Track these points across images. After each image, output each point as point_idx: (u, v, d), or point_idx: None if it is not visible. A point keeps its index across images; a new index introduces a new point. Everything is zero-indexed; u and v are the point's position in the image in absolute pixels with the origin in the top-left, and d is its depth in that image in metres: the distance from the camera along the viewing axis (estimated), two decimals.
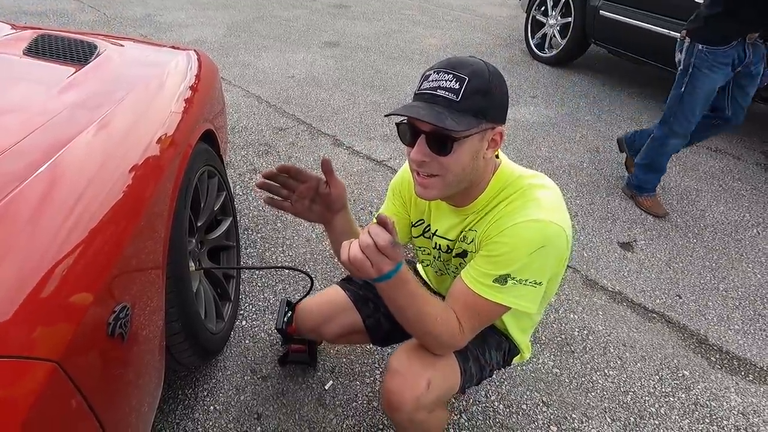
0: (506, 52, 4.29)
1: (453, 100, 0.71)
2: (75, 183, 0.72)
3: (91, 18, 4.22)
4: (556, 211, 0.78)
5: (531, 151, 2.69)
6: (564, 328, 1.57)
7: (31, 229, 0.62)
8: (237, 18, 4.60)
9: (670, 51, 1.96)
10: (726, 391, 1.41)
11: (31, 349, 0.51)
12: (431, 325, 0.78)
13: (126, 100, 0.99)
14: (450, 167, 0.76)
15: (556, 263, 0.81)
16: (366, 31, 4.59)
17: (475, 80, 0.72)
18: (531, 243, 0.76)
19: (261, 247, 1.80)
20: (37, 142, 0.76)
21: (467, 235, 0.88)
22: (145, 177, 0.86)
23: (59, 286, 0.59)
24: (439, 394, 0.86)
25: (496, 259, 0.78)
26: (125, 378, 0.73)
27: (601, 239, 2.01)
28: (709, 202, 2.35)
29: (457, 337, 0.81)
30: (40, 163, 0.71)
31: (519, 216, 0.77)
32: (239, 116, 2.76)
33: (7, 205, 0.62)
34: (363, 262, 0.66)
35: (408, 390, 0.83)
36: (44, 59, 1.10)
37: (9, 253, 0.59)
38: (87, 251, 0.65)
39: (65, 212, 0.67)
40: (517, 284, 0.77)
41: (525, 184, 0.82)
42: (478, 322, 0.82)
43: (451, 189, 0.80)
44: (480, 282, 0.79)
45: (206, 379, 1.30)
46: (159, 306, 0.88)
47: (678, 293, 1.76)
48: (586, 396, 1.35)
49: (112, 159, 0.82)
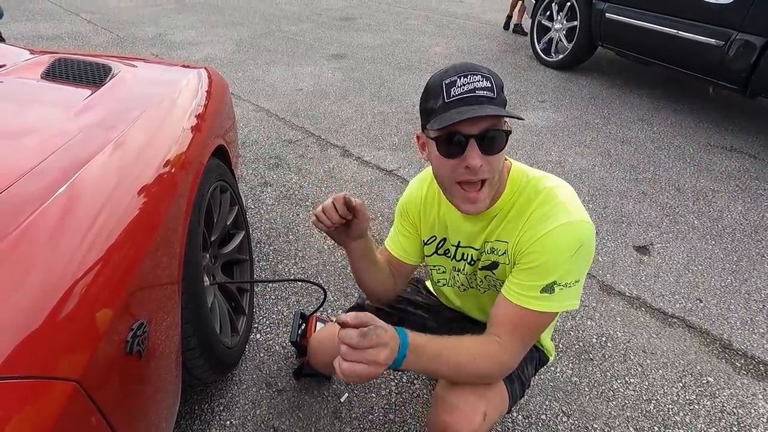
0: (513, 58, 4.29)
1: (491, 97, 0.72)
2: (92, 203, 0.74)
3: (105, 39, 4.34)
4: (581, 209, 0.79)
5: (541, 155, 2.67)
6: (582, 335, 1.54)
7: (50, 249, 0.63)
8: (245, 34, 4.69)
9: (679, 51, 1.93)
10: (753, 398, 1.36)
11: (51, 369, 0.52)
12: (474, 368, 0.77)
13: (140, 119, 1.02)
14: (497, 166, 0.76)
15: (591, 257, 0.81)
16: (372, 42, 4.64)
17: (496, 77, 0.74)
18: (570, 246, 0.76)
19: (274, 259, 1.80)
20: (56, 163, 0.78)
21: (496, 246, 0.86)
22: (160, 194, 0.88)
23: (78, 305, 0.60)
24: (492, 423, 0.85)
25: (539, 269, 0.77)
26: (143, 395, 0.73)
27: (616, 243, 1.98)
28: (727, 202, 2.30)
29: (504, 363, 0.79)
30: (59, 185, 0.72)
31: (551, 222, 0.77)
32: (249, 130, 2.80)
33: (28, 226, 0.64)
34: (356, 368, 0.63)
35: (466, 425, 0.80)
36: (61, 82, 1.13)
37: (29, 274, 0.60)
38: (105, 270, 0.66)
39: (83, 232, 0.68)
40: (564, 289, 0.77)
41: (543, 187, 0.82)
42: (529, 337, 0.81)
43: (491, 194, 0.80)
44: (527, 296, 0.78)
45: (222, 393, 1.30)
46: (175, 322, 0.88)
47: (698, 297, 1.72)
48: (607, 405, 1.32)
49: (128, 178, 0.84)
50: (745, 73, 2.68)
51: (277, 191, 2.24)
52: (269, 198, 2.18)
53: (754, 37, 2.62)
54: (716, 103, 3.43)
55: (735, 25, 2.70)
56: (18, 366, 0.49)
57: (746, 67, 2.66)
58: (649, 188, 2.39)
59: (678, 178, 2.48)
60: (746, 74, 2.68)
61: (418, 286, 1.19)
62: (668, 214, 2.19)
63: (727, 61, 2.74)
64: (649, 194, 2.34)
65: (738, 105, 3.43)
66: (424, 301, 1.14)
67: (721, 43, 2.75)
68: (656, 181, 2.45)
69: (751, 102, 3.41)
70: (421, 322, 1.11)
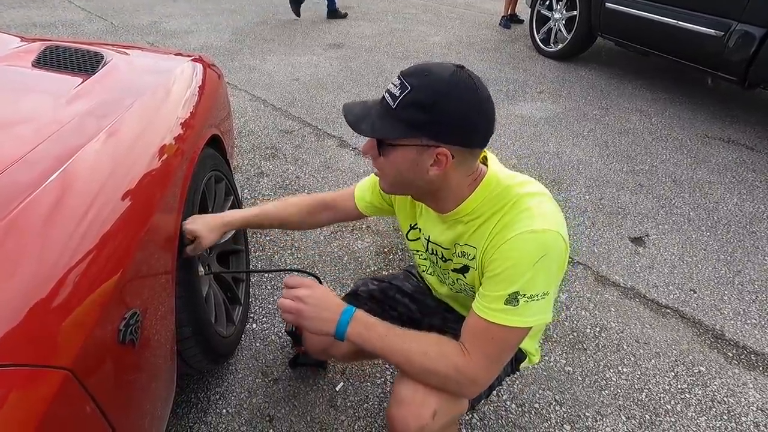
0: (511, 48, 4.26)
1: (389, 106, 0.71)
2: (84, 191, 0.73)
3: (99, 27, 4.29)
4: (549, 217, 0.75)
5: (538, 147, 2.67)
6: (576, 326, 1.55)
7: (41, 237, 0.63)
8: (241, 23, 4.64)
9: (679, 41, 1.91)
10: (744, 387, 1.38)
11: (43, 357, 0.52)
12: (426, 362, 0.76)
13: (132, 108, 1.00)
14: (384, 169, 0.78)
15: (559, 268, 0.77)
16: (370, 31, 4.59)
17: (418, 92, 0.68)
18: (531, 254, 0.72)
19: (270, 249, 1.80)
20: (47, 151, 0.77)
21: (466, 250, 0.84)
22: (153, 184, 0.87)
23: (70, 293, 0.60)
24: (446, 421, 0.82)
25: (500, 277, 0.74)
26: (137, 384, 0.74)
27: (612, 234, 1.99)
28: (723, 194, 2.31)
29: (461, 369, 0.75)
30: (50, 173, 0.72)
31: (514, 229, 0.74)
32: (245, 120, 2.78)
33: (19, 214, 0.63)
34: (283, 300, 0.79)
35: (412, 419, 0.79)
36: (53, 70, 1.12)
37: (21, 262, 0.60)
38: (97, 259, 0.65)
39: (75, 220, 0.68)
40: (529, 301, 0.73)
41: (514, 194, 0.78)
42: (494, 351, 0.77)
43: (400, 189, 0.83)
44: (491, 308, 0.75)
45: (218, 382, 1.31)
46: (169, 311, 0.88)
47: (692, 288, 1.74)
48: (599, 394, 1.34)
49: (120, 167, 0.83)
50: (744, 64, 2.67)
51: (274, 181, 2.23)
52: (265, 188, 2.18)
53: (753, 27, 2.61)
54: (715, 94, 3.42)
55: (735, 15, 2.68)
56: (8, 354, 0.49)
57: (746, 58, 2.65)
58: (646, 180, 2.39)
59: (675, 170, 2.49)
60: (745, 65, 2.67)
61: (410, 272, 1.20)
62: (664, 206, 2.19)
63: (726, 51, 2.73)
64: (645, 185, 2.34)
65: (736, 96, 3.42)
66: (412, 289, 1.15)
67: (720, 33, 2.74)
68: (653, 173, 2.45)
69: (749, 93, 3.40)
70: (407, 312, 1.12)
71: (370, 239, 1.89)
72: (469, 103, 0.69)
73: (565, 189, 2.29)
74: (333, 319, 0.79)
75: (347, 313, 0.79)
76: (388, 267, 1.76)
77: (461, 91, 0.69)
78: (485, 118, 0.72)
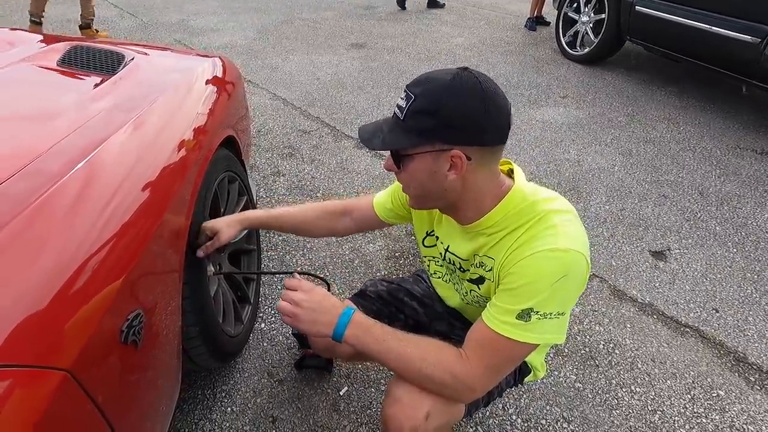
0: (536, 51, 4.18)
1: (399, 118, 0.73)
2: (92, 194, 0.75)
3: (130, 24, 4.41)
4: (574, 237, 0.74)
5: (558, 153, 2.61)
6: (588, 341, 1.51)
7: (43, 238, 0.64)
8: (266, 21, 4.69)
9: (712, 47, 1.84)
10: (766, 415, 1.31)
11: (41, 358, 0.53)
12: (422, 368, 0.75)
13: (149, 108, 1.02)
14: (409, 182, 0.78)
15: (578, 290, 0.76)
16: (393, 31, 4.58)
17: (421, 100, 0.70)
18: (552, 274, 0.71)
19: (282, 250, 1.82)
20: (64, 149, 0.79)
21: (484, 261, 0.84)
22: (163, 185, 0.88)
23: (72, 293, 0.61)
24: (439, 424, 0.82)
25: (517, 291, 0.73)
26: (139, 384, 0.75)
27: (632, 247, 1.93)
28: (753, 208, 2.21)
29: (459, 377, 0.75)
30: (62, 174, 0.73)
31: (537, 245, 0.73)
32: (265, 119, 2.81)
33: (24, 215, 0.65)
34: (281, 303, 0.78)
35: (405, 420, 0.79)
36: (76, 69, 1.15)
37: (21, 262, 0.61)
38: (101, 260, 0.67)
39: (78, 223, 0.69)
40: (542, 319, 0.72)
41: (541, 210, 0.77)
42: (497, 362, 0.76)
43: (426, 203, 0.83)
44: (502, 320, 0.73)
45: (225, 380, 1.33)
46: (175, 311, 0.90)
47: (715, 307, 1.67)
48: (610, 413, 1.30)
49: (131, 168, 0.85)
50: None
51: (289, 181, 2.24)
52: (281, 188, 2.19)
53: None
54: (749, 103, 3.27)
55: None
56: (6, 354, 0.51)
57: None
58: (671, 191, 2.31)
59: (702, 182, 2.39)
60: None
61: (420, 276, 1.19)
62: (689, 219, 2.11)
63: (762, 59, 2.61)
64: (670, 197, 2.26)
65: None
66: (421, 293, 1.14)
67: (757, 40, 2.62)
68: (679, 184, 2.37)
69: None
70: (414, 315, 1.12)
71: (382, 243, 1.88)
72: (474, 100, 0.69)
73: (584, 198, 2.23)
74: (330, 322, 0.79)
75: (345, 316, 0.79)
76: (398, 271, 1.75)
77: (464, 90, 0.69)
78: (494, 113, 0.70)
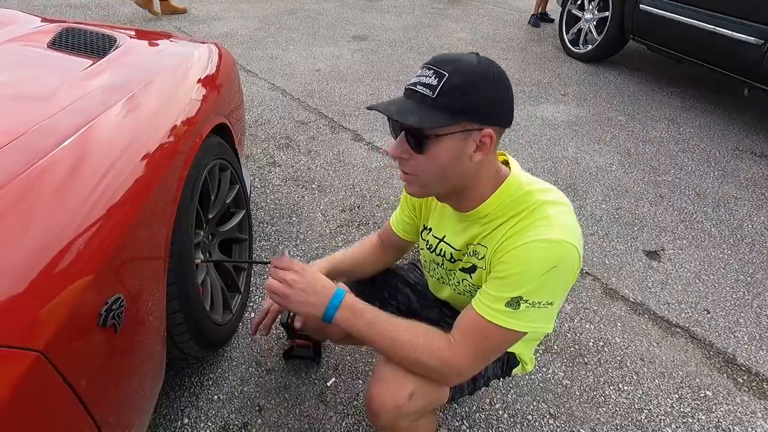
0: (538, 48, 4.15)
1: (428, 96, 0.69)
2: (75, 173, 0.74)
3: (131, 10, 4.37)
4: (567, 229, 0.74)
5: (557, 151, 2.59)
6: (578, 338, 1.51)
7: (23, 215, 0.64)
8: (268, 11, 4.66)
9: (715, 48, 1.82)
10: (752, 416, 1.31)
11: (14, 337, 0.53)
12: (410, 352, 0.77)
13: (138, 91, 1.01)
14: (426, 166, 0.74)
15: (568, 281, 0.76)
16: (395, 24, 4.54)
17: (455, 77, 0.68)
18: (543, 264, 0.71)
19: (275, 240, 1.81)
20: (42, 131, 0.78)
21: (477, 249, 0.84)
22: (150, 168, 0.87)
23: (50, 275, 0.60)
24: (422, 405, 0.83)
25: (507, 280, 0.74)
26: (119, 369, 0.75)
27: (626, 246, 1.92)
28: (749, 211, 2.20)
29: (446, 361, 0.76)
30: (41, 155, 0.72)
31: (529, 235, 0.73)
32: (263, 109, 2.80)
33: (1, 191, 0.64)
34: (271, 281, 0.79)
35: (389, 398, 0.80)
36: (66, 51, 1.14)
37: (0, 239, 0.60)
38: (79, 241, 0.66)
39: (60, 201, 0.68)
40: (531, 307, 0.73)
41: (536, 200, 0.77)
42: (484, 347, 0.77)
43: (434, 189, 0.79)
44: (492, 308, 0.75)
45: (212, 368, 1.33)
46: (159, 297, 0.89)
47: (706, 308, 1.66)
48: (596, 411, 1.30)
49: (116, 151, 0.84)
50: None
51: (285, 172, 2.23)
52: (276, 178, 2.18)
53: None
54: (751, 105, 3.25)
55: None
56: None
57: None
58: (668, 191, 2.30)
59: (699, 183, 2.38)
60: None
61: (416, 265, 1.19)
62: (684, 220, 2.10)
63: (765, 61, 2.59)
64: (666, 197, 2.25)
65: None
66: (415, 281, 1.14)
67: (760, 42, 2.59)
68: (676, 185, 2.36)
69: None
70: (407, 302, 1.12)
71: None
72: (498, 82, 0.71)
73: (580, 196, 2.22)
74: (322, 303, 0.79)
75: (336, 298, 0.79)
76: None
77: (492, 72, 0.71)
78: (510, 95, 0.74)
